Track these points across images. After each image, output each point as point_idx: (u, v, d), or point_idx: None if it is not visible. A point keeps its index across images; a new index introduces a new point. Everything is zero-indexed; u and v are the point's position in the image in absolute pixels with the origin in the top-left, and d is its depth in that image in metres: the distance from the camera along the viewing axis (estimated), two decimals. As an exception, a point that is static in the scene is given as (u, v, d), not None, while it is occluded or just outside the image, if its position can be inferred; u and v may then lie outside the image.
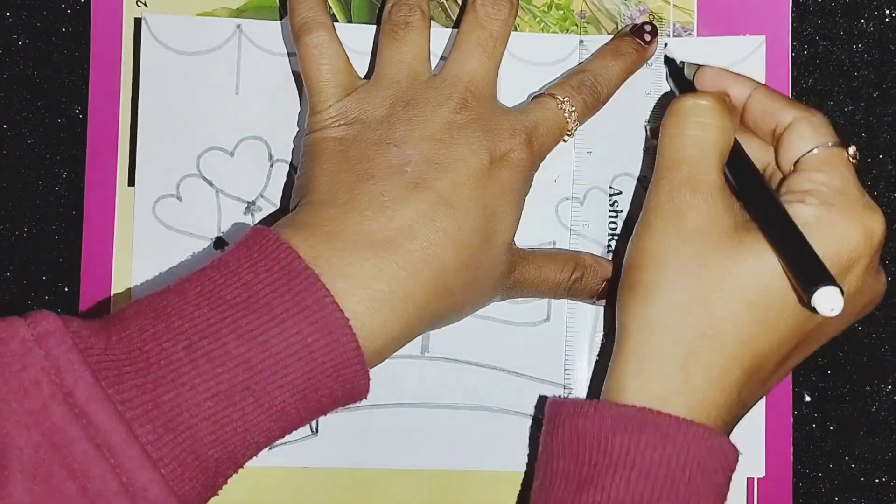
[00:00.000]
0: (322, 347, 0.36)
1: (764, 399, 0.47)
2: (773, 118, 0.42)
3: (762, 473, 0.48)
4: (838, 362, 0.49)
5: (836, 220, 0.39)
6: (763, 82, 0.48)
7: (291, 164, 0.48)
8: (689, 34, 0.49)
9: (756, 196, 0.40)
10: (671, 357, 0.39)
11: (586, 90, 0.45)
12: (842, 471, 0.49)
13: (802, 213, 0.39)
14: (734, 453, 0.39)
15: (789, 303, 0.39)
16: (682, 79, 0.47)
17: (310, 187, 0.41)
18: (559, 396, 0.44)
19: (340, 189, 0.40)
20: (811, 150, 0.41)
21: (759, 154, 0.44)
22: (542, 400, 0.47)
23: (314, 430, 0.48)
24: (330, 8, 0.48)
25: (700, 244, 0.39)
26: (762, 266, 0.38)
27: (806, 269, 0.37)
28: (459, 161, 0.41)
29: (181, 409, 0.35)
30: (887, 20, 0.49)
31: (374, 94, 0.43)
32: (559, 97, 0.44)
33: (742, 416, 0.41)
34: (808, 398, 0.49)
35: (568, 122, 0.44)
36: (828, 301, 0.36)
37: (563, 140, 0.45)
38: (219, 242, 0.48)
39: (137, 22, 0.48)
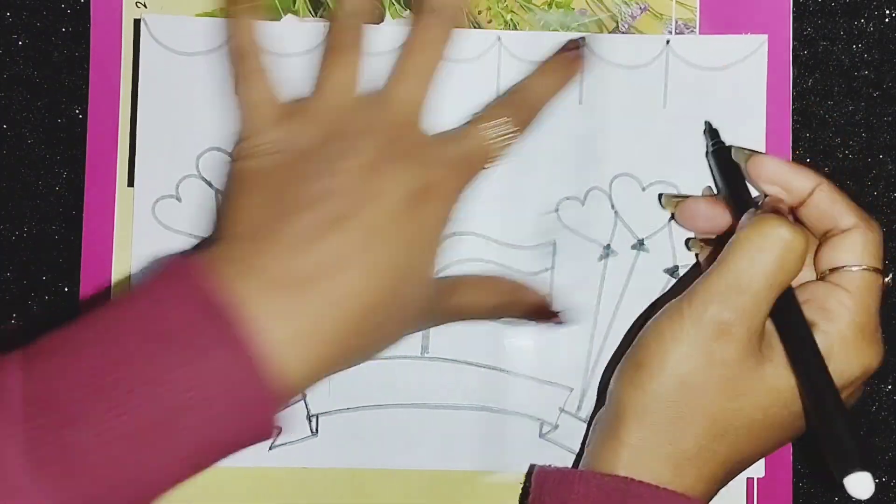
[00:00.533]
0: (236, 384, 0.36)
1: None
2: (832, 221, 0.42)
3: (762, 474, 0.48)
4: (838, 362, 0.49)
5: (844, 357, 0.40)
6: (765, 85, 0.49)
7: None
8: (692, 32, 0.49)
9: (796, 347, 0.40)
10: (668, 458, 0.40)
11: (514, 114, 0.45)
12: None
13: (818, 340, 0.40)
14: None
15: (794, 421, 0.41)
16: (727, 162, 0.46)
17: (233, 218, 0.40)
18: (547, 465, 0.45)
19: (263, 222, 0.39)
20: (853, 266, 0.41)
21: None
22: (531, 468, 0.47)
23: (314, 430, 0.48)
24: (329, 7, 0.49)
25: (725, 376, 0.39)
26: (777, 391, 0.40)
27: (842, 450, 0.37)
28: (385, 194, 0.40)
29: (86, 450, 0.34)
30: (887, 20, 0.50)
31: (304, 122, 0.42)
32: (486, 124, 0.44)
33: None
34: None
35: (494, 150, 0.44)
36: (859, 486, 0.37)
37: (486, 168, 0.44)
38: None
39: (137, 23, 0.49)
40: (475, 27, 0.49)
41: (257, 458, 0.48)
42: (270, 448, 0.48)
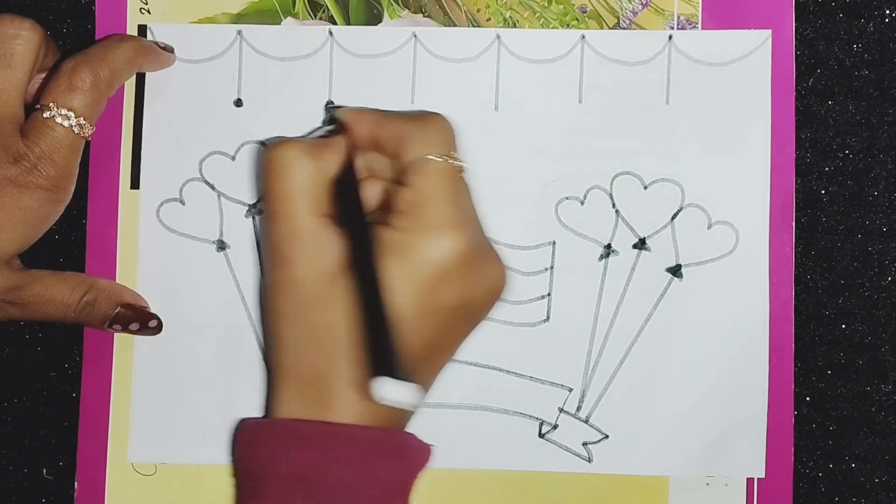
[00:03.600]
0: None
1: (766, 400, 0.50)
2: (397, 138, 0.44)
3: (762, 474, 0.50)
4: (838, 362, 0.50)
5: (417, 246, 0.42)
6: (769, 80, 0.50)
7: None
8: (694, 27, 0.50)
9: (351, 253, 0.42)
10: (304, 396, 0.43)
11: (80, 92, 0.46)
12: (842, 471, 0.50)
13: (389, 238, 0.42)
14: (389, 438, 0.43)
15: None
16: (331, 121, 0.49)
17: None
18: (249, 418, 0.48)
19: None
20: (415, 163, 0.43)
21: None
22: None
23: (315, 429, 0.50)
24: (328, 9, 0.51)
25: (302, 294, 0.43)
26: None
27: (377, 356, 0.39)
28: None
29: None
30: (887, 20, 0.51)
31: None
32: (53, 110, 0.45)
33: (406, 414, 0.45)
34: (808, 398, 0.50)
35: (82, 131, 0.46)
36: (391, 393, 0.38)
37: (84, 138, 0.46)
38: (221, 245, 0.51)
39: (141, 29, 0.51)
40: (474, 25, 0.51)
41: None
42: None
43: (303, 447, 0.41)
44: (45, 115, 0.45)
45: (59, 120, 0.45)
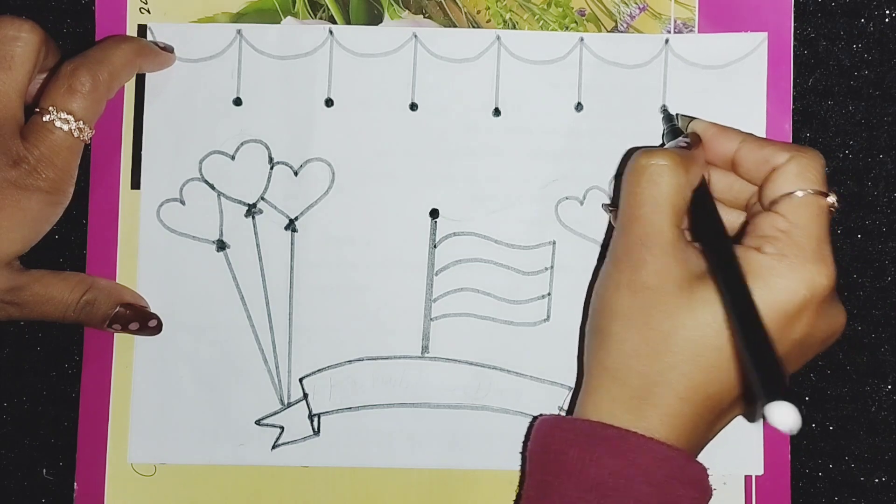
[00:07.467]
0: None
1: (763, 398, 0.49)
2: (767, 165, 0.44)
3: (761, 471, 0.49)
4: (838, 362, 0.50)
5: (784, 274, 0.41)
6: (765, 83, 0.49)
7: (290, 167, 0.50)
8: (691, 30, 0.50)
9: (719, 268, 0.41)
10: (624, 400, 0.42)
11: (79, 95, 0.45)
12: (841, 471, 0.50)
13: (755, 262, 0.41)
14: (691, 466, 0.41)
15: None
16: (676, 131, 0.48)
17: None
18: (546, 414, 0.46)
19: None
20: (789, 194, 0.42)
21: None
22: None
23: (316, 429, 0.49)
24: (328, 9, 0.50)
25: (650, 299, 0.41)
26: (711, 317, 0.41)
27: (768, 376, 0.36)
28: None
29: None
30: (887, 20, 0.50)
31: None
32: (53, 113, 0.45)
33: (706, 442, 0.43)
34: (807, 398, 0.50)
35: (81, 134, 0.46)
36: (783, 417, 0.34)
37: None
38: (220, 245, 0.50)
39: (141, 28, 0.50)
40: (474, 26, 0.50)
41: (260, 457, 0.49)
42: (273, 448, 0.49)
43: (609, 452, 0.40)
44: (44, 119, 0.45)
45: (58, 124, 0.45)
